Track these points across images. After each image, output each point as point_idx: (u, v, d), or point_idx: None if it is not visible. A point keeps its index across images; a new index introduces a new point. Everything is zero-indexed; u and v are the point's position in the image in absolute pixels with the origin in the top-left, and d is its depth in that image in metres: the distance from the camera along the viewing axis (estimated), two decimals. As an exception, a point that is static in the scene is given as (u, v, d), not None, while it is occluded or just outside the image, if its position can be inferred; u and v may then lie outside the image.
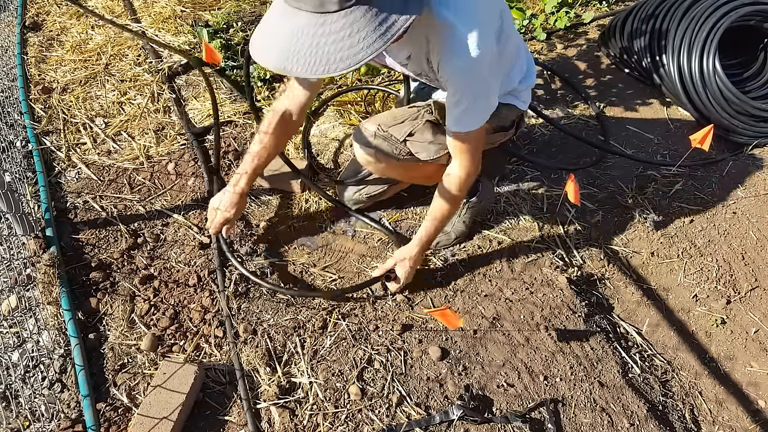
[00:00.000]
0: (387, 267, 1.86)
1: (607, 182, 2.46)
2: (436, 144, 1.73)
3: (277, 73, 1.80)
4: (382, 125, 1.74)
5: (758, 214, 2.31)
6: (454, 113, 1.54)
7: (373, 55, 1.16)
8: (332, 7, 1.13)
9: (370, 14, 1.15)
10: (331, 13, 1.13)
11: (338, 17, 1.14)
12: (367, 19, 1.15)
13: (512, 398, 1.68)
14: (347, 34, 1.14)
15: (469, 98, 1.50)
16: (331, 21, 1.14)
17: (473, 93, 1.49)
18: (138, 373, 1.71)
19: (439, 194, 1.74)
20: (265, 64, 1.22)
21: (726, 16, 2.65)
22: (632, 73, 2.99)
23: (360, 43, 1.15)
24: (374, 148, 1.78)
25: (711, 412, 1.81)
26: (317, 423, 1.60)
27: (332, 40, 1.15)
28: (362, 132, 1.78)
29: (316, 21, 1.15)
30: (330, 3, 1.12)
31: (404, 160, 1.80)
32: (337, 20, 1.14)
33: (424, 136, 1.73)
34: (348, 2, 1.13)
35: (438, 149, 1.74)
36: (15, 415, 1.59)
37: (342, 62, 1.16)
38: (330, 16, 1.14)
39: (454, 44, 1.37)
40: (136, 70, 2.82)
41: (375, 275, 1.88)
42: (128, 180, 2.29)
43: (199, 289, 1.93)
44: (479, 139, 1.62)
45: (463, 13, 1.34)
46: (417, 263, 1.87)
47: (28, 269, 1.92)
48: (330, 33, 1.14)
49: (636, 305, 2.05)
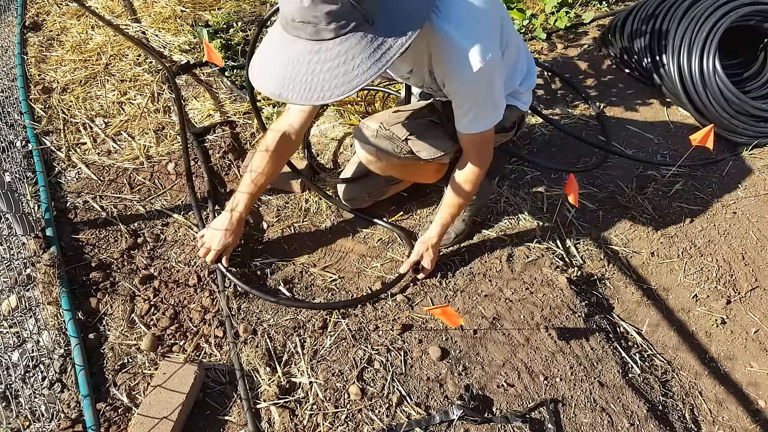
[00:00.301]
0: (414, 259, 1.92)
1: (607, 182, 2.46)
2: (438, 144, 1.74)
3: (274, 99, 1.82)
4: (384, 124, 1.75)
5: (758, 214, 2.31)
6: (464, 121, 1.57)
7: (368, 81, 1.18)
8: (328, 35, 1.15)
9: (365, 41, 1.16)
10: (327, 40, 1.15)
11: (334, 44, 1.16)
12: (362, 46, 1.16)
13: (512, 398, 1.68)
14: (342, 61, 1.16)
15: (477, 107, 1.52)
16: (326, 48, 1.16)
17: (481, 102, 1.51)
18: (138, 373, 1.71)
19: (452, 188, 1.78)
20: (263, 91, 1.25)
21: (726, 16, 2.65)
22: (632, 73, 2.99)
23: (355, 70, 1.17)
24: (376, 147, 1.78)
25: (711, 412, 1.81)
26: (317, 423, 1.60)
27: (327, 68, 1.17)
28: (364, 130, 1.79)
29: (311, 48, 1.17)
30: (325, 31, 1.14)
31: (405, 159, 1.81)
32: (332, 47, 1.16)
33: (425, 135, 1.74)
34: (343, 30, 1.14)
35: (438, 149, 1.75)
36: (15, 415, 1.59)
37: (337, 89, 1.18)
38: (326, 44, 1.16)
39: (458, 58, 1.36)
40: (136, 70, 2.82)
41: (404, 270, 1.95)
42: (128, 180, 2.29)
43: (199, 289, 1.93)
44: (491, 136, 1.66)
45: (465, 25, 1.34)
46: (437, 249, 1.95)
47: (28, 269, 1.92)
48: (326, 60, 1.17)
49: (636, 305, 2.05)
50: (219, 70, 2.85)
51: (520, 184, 2.39)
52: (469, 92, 1.48)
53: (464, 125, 1.58)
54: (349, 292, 1.96)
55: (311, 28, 1.14)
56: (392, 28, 1.19)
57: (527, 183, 2.40)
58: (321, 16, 1.12)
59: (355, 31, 1.15)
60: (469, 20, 1.35)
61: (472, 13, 1.37)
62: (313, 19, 1.13)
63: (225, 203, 2.21)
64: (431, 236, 1.90)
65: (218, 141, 2.49)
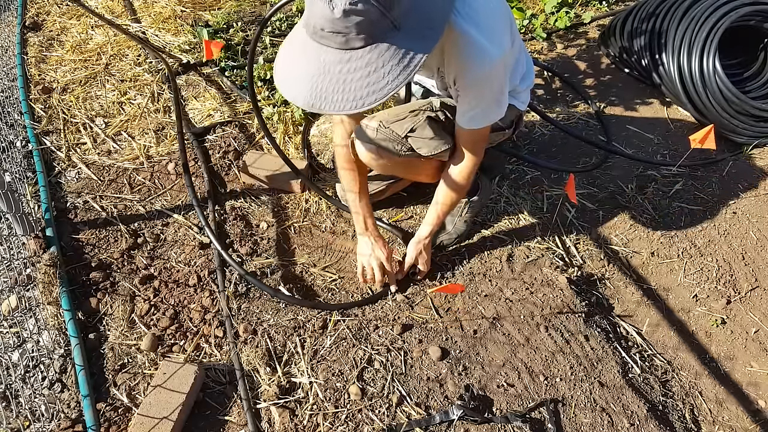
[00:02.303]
0: (409, 263, 1.95)
1: (607, 182, 2.46)
2: (437, 140, 1.75)
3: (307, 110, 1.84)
4: (383, 122, 1.76)
5: (758, 214, 2.31)
6: (467, 116, 1.58)
7: (398, 87, 1.19)
8: (357, 44, 1.15)
9: (393, 47, 1.17)
10: (357, 49, 1.15)
11: (363, 53, 1.16)
12: (391, 53, 1.17)
13: (512, 398, 1.68)
14: (373, 69, 1.16)
15: (484, 103, 1.54)
16: (356, 57, 1.16)
17: (488, 98, 1.53)
18: (138, 373, 1.71)
19: (444, 182, 1.80)
20: (295, 102, 1.25)
21: (726, 16, 2.65)
22: (632, 73, 2.99)
23: (385, 77, 1.17)
24: (376, 145, 1.79)
25: (711, 412, 1.81)
26: (317, 423, 1.60)
27: (358, 77, 1.17)
28: (364, 129, 1.80)
29: (341, 58, 1.16)
30: (355, 40, 1.14)
31: (405, 156, 1.82)
32: (362, 56, 1.16)
33: (425, 133, 1.75)
34: (373, 38, 1.15)
35: (438, 145, 1.75)
36: (15, 415, 1.59)
37: (369, 97, 1.18)
38: (355, 53, 1.16)
39: (475, 55, 1.39)
40: (136, 70, 2.82)
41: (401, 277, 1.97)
42: (128, 180, 2.29)
43: (199, 289, 1.93)
44: (487, 133, 1.68)
45: (483, 23, 1.37)
46: (429, 248, 1.97)
47: (28, 269, 1.92)
48: (356, 69, 1.17)
49: (636, 305, 2.05)
50: (219, 69, 2.85)
51: (520, 184, 2.39)
52: (479, 88, 1.49)
53: (466, 120, 1.60)
54: (348, 292, 1.96)
55: (341, 38, 1.14)
56: (417, 32, 1.20)
57: (527, 183, 2.40)
58: (352, 26, 1.12)
59: (384, 39, 1.16)
60: (487, 18, 1.38)
61: (488, 10, 1.41)
62: (343, 29, 1.13)
63: (225, 203, 2.22)
64: (422, 236, 1.92)
65: (218, 141, 2.49)
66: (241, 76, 2.83)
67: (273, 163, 2.28)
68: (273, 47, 3.04)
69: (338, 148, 1.87)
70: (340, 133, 1.85)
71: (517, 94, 1.84)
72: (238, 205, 2.23)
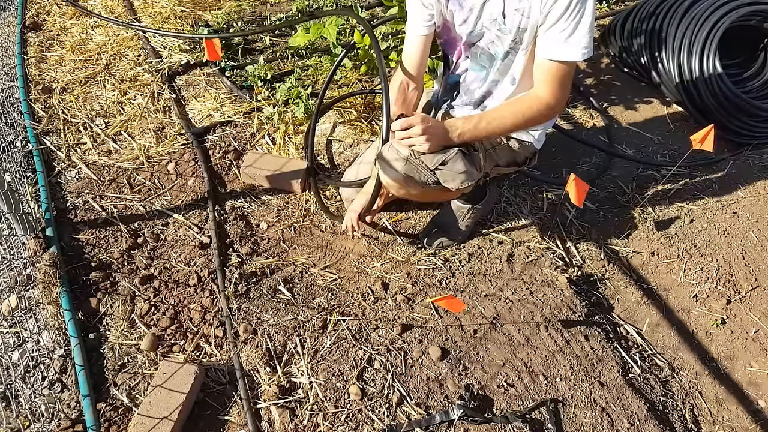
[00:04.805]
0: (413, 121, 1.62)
1: (607, 182, 2.46)
2: (466, 175, 1.68)
3: None
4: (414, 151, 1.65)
5: (758, 214, 2.31)
6: (559, 43, 1.53)
7: None
8: None
9: None
10: None
11: None
12: None
13: (512, 398, 1.68)
14: None
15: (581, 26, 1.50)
16: None
17: (585, 23, 1.50)
18: (138, 373, 1.71)
19: (516, 102, 1.67)
20: None
21: (726, 16, 2.65)
22: (632, 73, 2.99)
23: None
24: (403, 175, 1.67)
25: (711, 412, 1.81)
26: (317, 423, 1.60)
27: None
28: (393, 154, 1.68)
29: None
30: None
31: (430, 188, 1.72)
32: None
33: (455, 166, 1.67)
34: None
35: (465, 179, 1.68)
36: (15, 415, 1.59)
37: None
38: None
39: None
40: (136, 70, 2.82)
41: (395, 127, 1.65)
42: (128, 180, 2.29)
43: (199, 289, 1.93)
44: (572, 74, 1.63)
45: None
46: (446, 138, 1.65)
47: (28, 269, 1.92)
48: None
49: (636, 305, 2.05)
50: (219, 69, 2.85)
51: (520, 184, 2.39)
52: (580, 6, 1.47)
53: (557, 49, 1.54)
54: (349, 292, 1.96)
55: None
56: None
57: (527, 183, 2.40)
58: None
59: None
60: None
61: None
62: None
63: (225, 203, 2.22)
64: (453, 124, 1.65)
65: (218, 141, 2.49)
66: (241, 76, 2.83)
67: (273, 163, 2.28)
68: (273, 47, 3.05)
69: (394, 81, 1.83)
70: (399, 78, 1.82)
71: (537, 132, 1.86)
72: (238, 205, 2.23)
